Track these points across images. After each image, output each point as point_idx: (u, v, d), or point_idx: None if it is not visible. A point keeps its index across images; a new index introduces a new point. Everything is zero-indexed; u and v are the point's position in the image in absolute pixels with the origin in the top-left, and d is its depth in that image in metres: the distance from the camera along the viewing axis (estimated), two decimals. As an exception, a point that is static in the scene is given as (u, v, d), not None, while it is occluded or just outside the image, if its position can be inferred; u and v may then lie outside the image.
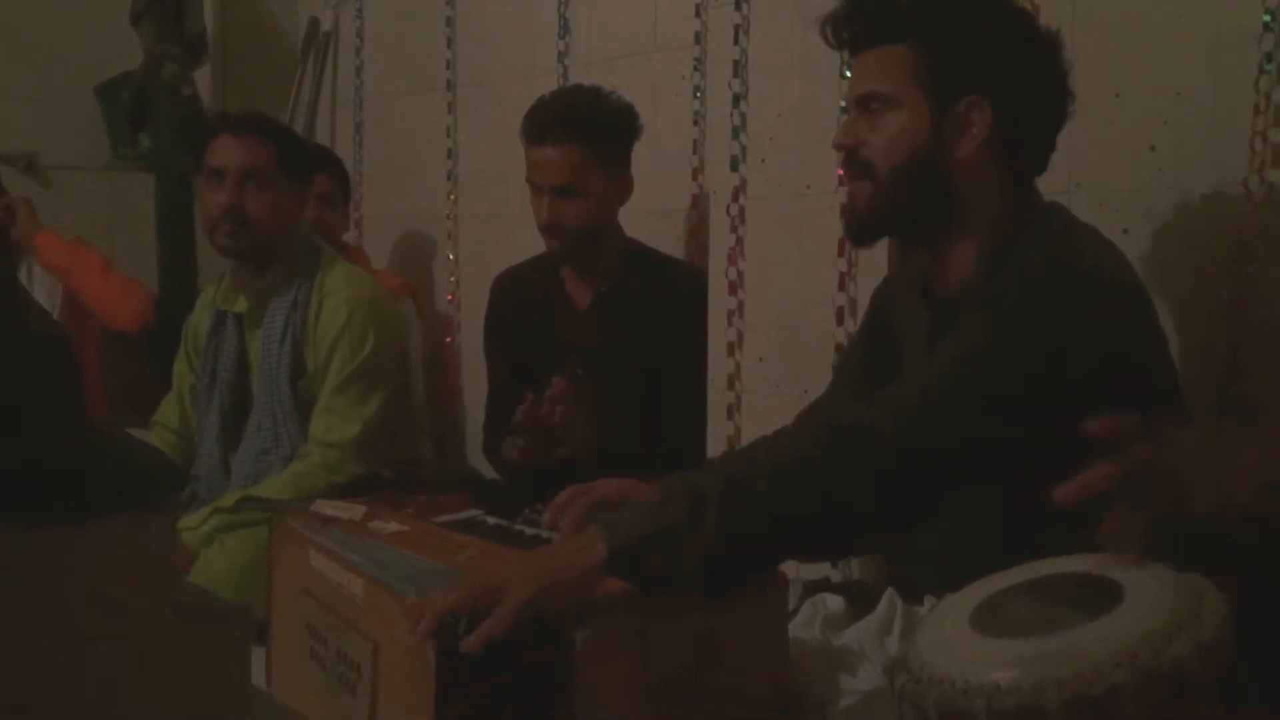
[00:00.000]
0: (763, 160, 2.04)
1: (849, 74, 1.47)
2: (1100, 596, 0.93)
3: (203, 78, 3.46)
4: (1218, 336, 1.61)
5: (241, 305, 2.31)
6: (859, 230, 1.48)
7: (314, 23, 3.54)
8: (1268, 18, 1.55)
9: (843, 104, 1.87)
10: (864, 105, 1.42)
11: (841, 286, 1.92)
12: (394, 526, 1.47)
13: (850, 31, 1.43)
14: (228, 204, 2.23)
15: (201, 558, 2.07)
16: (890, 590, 1.43)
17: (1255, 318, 1.57)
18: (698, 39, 2.42)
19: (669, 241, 2.50)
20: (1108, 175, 1.74)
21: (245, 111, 2.44)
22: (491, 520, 1.56)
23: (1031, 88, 1.41)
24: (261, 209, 2.24)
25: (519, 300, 2.45)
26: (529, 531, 1.53)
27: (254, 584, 1.61)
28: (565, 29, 2.76)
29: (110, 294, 2.94)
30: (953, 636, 0.95)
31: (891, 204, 1.41)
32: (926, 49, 1.38)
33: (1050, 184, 1.66)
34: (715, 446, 2.10)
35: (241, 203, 2.23)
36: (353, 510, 1.54)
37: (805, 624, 1.45)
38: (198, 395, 2.39)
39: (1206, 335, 1.63)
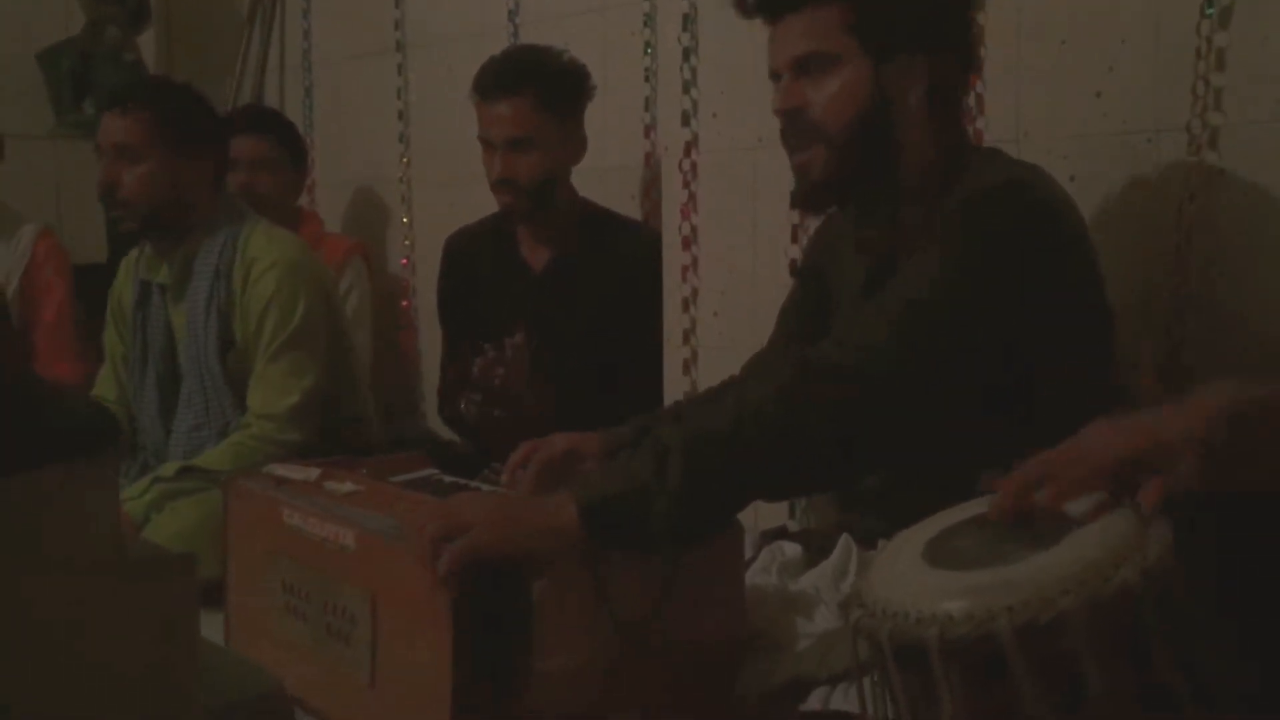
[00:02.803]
0: (714, 115, 2.04)
1: (771, 45, 1.45)
2: (1048, 528, 0.95)
3: (147, 43, 3.41)
4: (1163, 277, 1.64)
5: (165, 276, 2.26)
6: (815, 197, 1.46)
7: (259, -15, 3.48)
8: (1209, -38, 1.56)
9: (792, 56, 1.88)
10: (801, 68, 1.41)
11: (795, 239, 1.93)
12: (349, 486, 1.47)
13: None
14: (101, 183, 2.20)
15: (150, 524, 2.05)
16: (845, 536, 1.45)
17: (1198, 258, 1.60)
18: (647, -6, 2.41)
19: (623, 199, 2.49)
20: (1054, 122, 1.75)
21: (130, 83, 2.38)
22: (448, 479, 1.56)
23: (956, 35, 1.43)
24: (134, 184, 2.18)
25: (473, 261, 2.44)
26: (486, 489, 1.53)
27: (205, 546, 1.60)
28: (514, -13, 2.74)
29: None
30: (906, 570, 0.96)
31: (847, 165, 1.41)
32: (858, 4, 1.38)
33: (998, 133, 1.68)
34: (672, 403, 2.11)
35: (116, 181, 2.19)
36: (306, 471, 1.54)
37: (763, 570, 1.47)
38: (131, 368, 2.34)
39: (1152, 275, 1.65)
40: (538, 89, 2.21)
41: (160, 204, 2.20)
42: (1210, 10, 1.57)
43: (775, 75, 1.45)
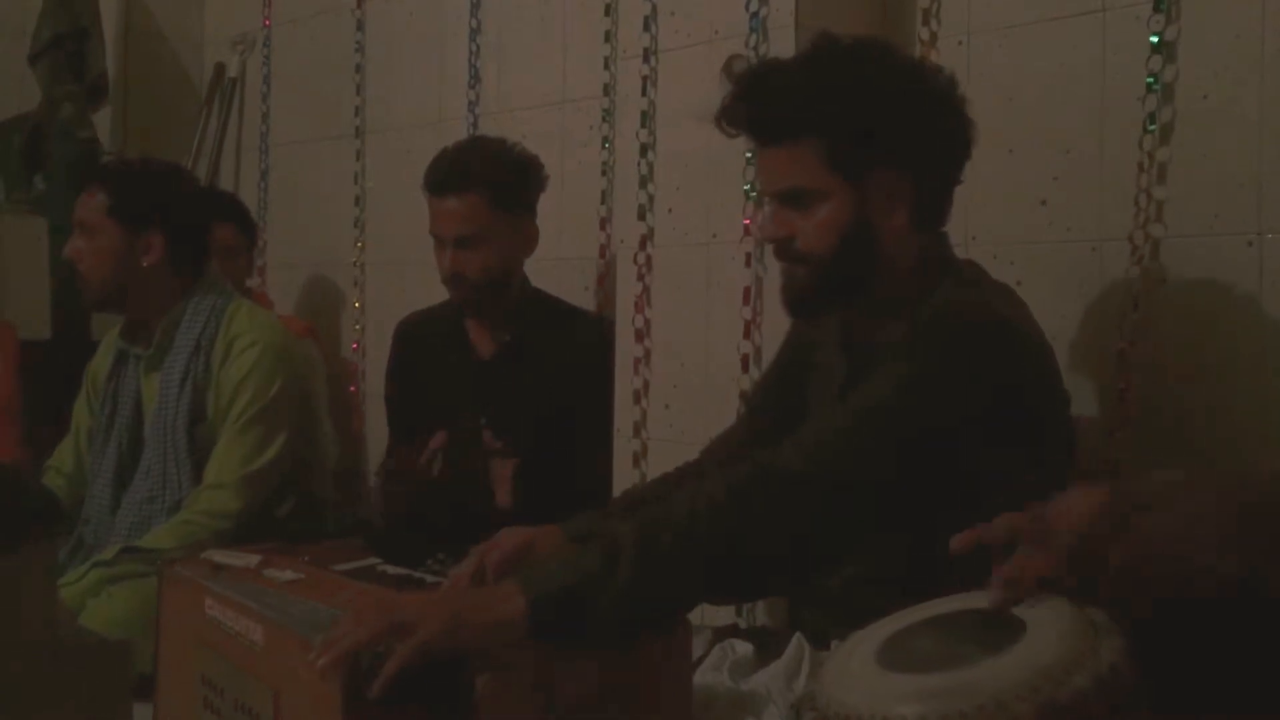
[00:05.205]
0: (669, 210, 2.07)
1: (757, 167, 1.49)
2: (1003, 632, 0.95)
3: (103, 120, 3.40)
4: (1105, 382, 1.67)
5: (143, 345, 2.28)
6: (801, 307, 1.50)
7: (219, 68, 3.50)
8: (1150, 80, 1.63)
9: (749, 155, 1.90)
10: (785, 200, 1.44)
11: (746, 334, 1.94)
12: (289, 574, 1.43)
13: (756, 131, 1.46)
14: (66, 255, 2.27)
15: (87, 609, 1.99)
16: (798, 635, 1.44)
17: (1140, 365, 1.63)
18: (606, 90, 2.45)
19: (577, 290, 2.51)
20: (1002, 228, 1.80)
21: (97, 163, 2.47)
22: (391, 569, 1.53)
23: (937, 144, 1.44)
24: (89, 260, 2.23)
25: (421, 347, 2.43)
26: (430, 579, 1.50)
27: (142, 635, 1.56)
28: (475, 78, 2.78)
29: None
30: (859, 672, 0.96)
31: (832, 283, 1.44)
32: (836, 138, 1.40)
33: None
34: (624, 490, 2.10)
35: (77, 255, 2.24)
36: (246, 558, 1.50)
37: (713, 669, 1.45)
38: (94, 436, 2.33)
39: (1094, 381, 1.68)
40: (487, 189, 2.19)
41: (113, 278, 2.23)
42: (1153, 126, 1.62)
43: (762, 198, 1.48)
